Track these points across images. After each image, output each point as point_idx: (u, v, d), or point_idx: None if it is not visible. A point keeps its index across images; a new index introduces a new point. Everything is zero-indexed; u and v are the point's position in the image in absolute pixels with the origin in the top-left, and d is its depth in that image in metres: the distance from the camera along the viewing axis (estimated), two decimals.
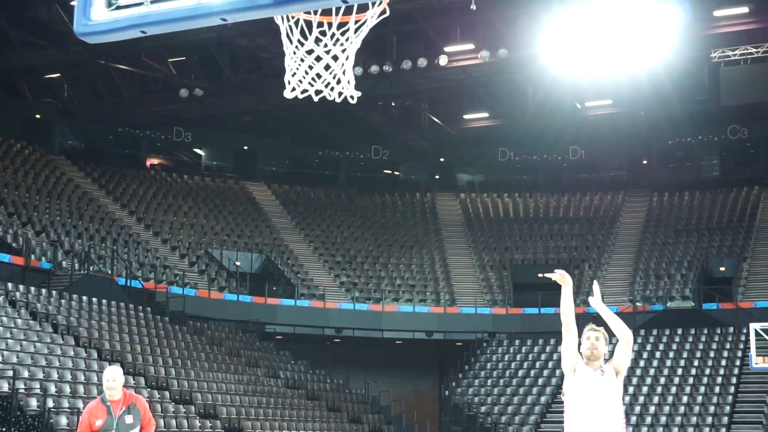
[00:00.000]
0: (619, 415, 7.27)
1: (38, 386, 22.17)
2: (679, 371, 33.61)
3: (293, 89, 7.83)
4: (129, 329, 29.68)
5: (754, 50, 35.90)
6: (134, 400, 9.52)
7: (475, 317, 39.27)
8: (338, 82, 7.90)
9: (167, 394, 25.96)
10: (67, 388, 22.96)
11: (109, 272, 33.46)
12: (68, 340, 26.50)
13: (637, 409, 31.20)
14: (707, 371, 33.29)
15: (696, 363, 33.97)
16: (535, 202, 48.07)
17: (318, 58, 7.71)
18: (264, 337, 36.85)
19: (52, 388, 22.54)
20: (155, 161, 47.54)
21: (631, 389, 32.45)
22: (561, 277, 7.84)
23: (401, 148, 50.12)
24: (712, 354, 34.43)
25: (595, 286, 8.01)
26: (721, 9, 33.77)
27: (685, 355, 34.70)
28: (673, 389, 32.36)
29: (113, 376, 9.40)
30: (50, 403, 21.67)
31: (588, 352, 7.32)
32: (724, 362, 33.70)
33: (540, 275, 8.64)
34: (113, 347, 27.50)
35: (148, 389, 25.56)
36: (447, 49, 36.18)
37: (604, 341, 7.39)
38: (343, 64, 7.77)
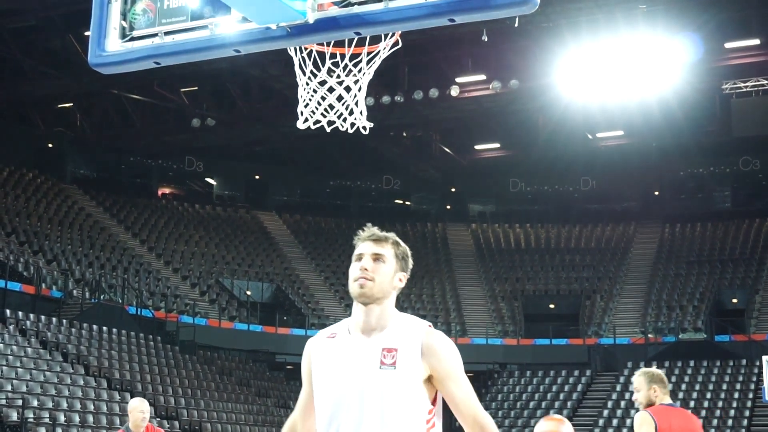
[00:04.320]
0: None
1: (47, 416, 22.12)
2: (691, 403, 33.37)
3: (306, 120, 7.85)
4: (139, 358, 29.64)
5: (766, 82, 35.91)
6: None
7: (486, 348, 39.11)
8: (350, 112, 7.92)
9: (177, 423, 25.88)
10: (76, 418, 22.91)
11: (120, 301, 33.48)
12: (78, 369, 26.48)
13: None
14: (719, 404, 33.05)
15: (708, 395, 33.74)
16: (546, 233, 47.99)
17: (330, 89, 7.73)
18: (274, 367, 36.76)
19: (62, 418, 22.49)
20: (167, 190, 47.66)
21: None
22: None
23: (412, 179, 50.16)
24: (724, 386, 34.20)
25: None
26: (732, 41, 33.83)
27: (697, 387, 34.47)
28: None
29: (146, 409, 9.55)
30: None
31: (355, 287, 3.87)
32: (736, 395, 33.46)
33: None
34: (123, 376, 27.45)
35: (158, 419, 25.47)
36: (458, 79, 36.29)
37: (393, 261, 3.94)
38: (355, 95, 7.79)
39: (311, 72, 7.49)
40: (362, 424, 3.71)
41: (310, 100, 7.69)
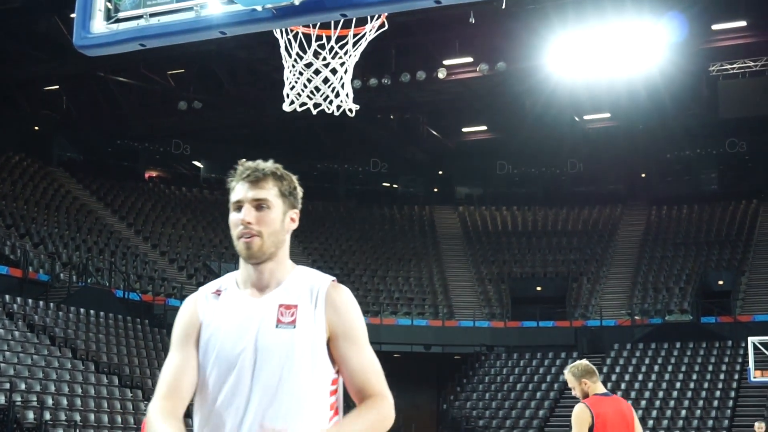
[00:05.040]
0: (315, 408, 3.17)
1: (35, 399, 22.12)
2: (678, 385, 33.56)
3: (292, 102, 7.85)
4: (127, 342, 29.63)
5: (752, 64, 35.97)
6: None
7: (473, 330, 39.22)
8: (337, 95, 7.91)
9: None
10: (64, 401, 22.90)
11: (107, 284, 33.43)
12: (66, 353, 26.45)
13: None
14: (705, 385, 33.25)
15: (694, 377, 33.93)
16: (533, 216, 48.06)
17: (317, 72, 7.72)
18: None
19: (50, 401, 22.48)
20: (154, 174, 47.53)
21: (629, 403, 32.38)
22: None
23: (400, 161, 50.13)
24: (710, 368, 34.40)
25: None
26: (719, 23, 33.85)
27: (683, 368, 34.65)
28: (672, 403, 32.31)
29: None
30: (47, 415, 21.61)
31: (241, 247, 3.26)
32: (722, 376, 33.66)
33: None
34: (111, 360, 27.45)
35: (145, 402, 25.48)
36: (446, 62, 36.24)
37: (279, 202, 3.33)
38: (341, 77, 7.78)
39: (297, 54, 7.48)
40: (255, 392, 3.15)
41: (296, 82, 7.68)
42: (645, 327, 37.44)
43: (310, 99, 7.90)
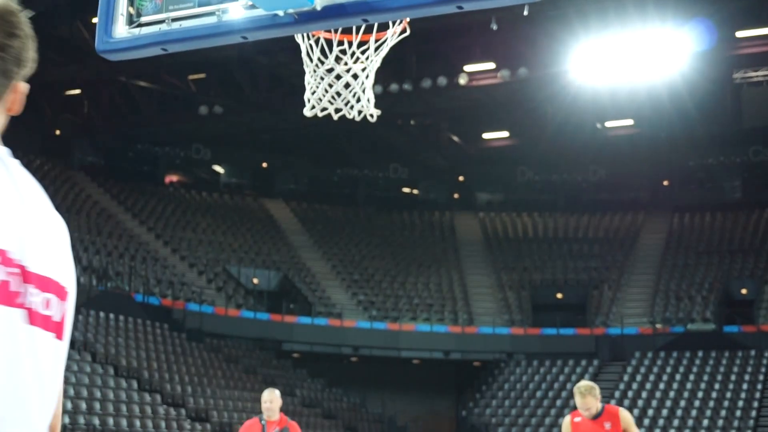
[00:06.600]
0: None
1: None
2: (700, 394, 33.32)
3: (313, 107, 7.79)
4: (146, 346, 29.67)
5: None
6: (289, 425, 10.04)
7: (493, 337, 39.09)
8: (358, 100, 7.86)
9: (183, 411, 25.91)
10: (83, 405, 22.93)
11: (127, 289, 33.51)
12: (85, 357, 26.50)
13: None
14: (728, 394, 32.99)
15: (716, 386, 33.68)
16: (554, 222, 47.88)
17: (338, 77, 7.67)
18: (281, 355, 36.79)
19: (69, 405, 22.51)
20: (174, 178, 47.64)
21: (650, 412, 32.17)
22: None
23: (420, 167, 50.06)
24: (732, 377, 34.14)
25: None
26: (743, 30, 33.67)
27: (705, 377, 34.41)
28: (694, 412, 32.08)
29: (270, 398, 9.92)
30: (66, 419, 21.63)
31: None
32: (745, 385, 33.41)
33: None
34: (130, 364, 27.48)
35: (165, 406, 25.50)
36: (467, 68, 36.19)
37: None
38: (363, 83, 7.73)
39: (318, 59, 7.43)
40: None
41: (317, 87, 7.63)
42: (667, 335, 37.21)
43: (331, 104, 7.85)
